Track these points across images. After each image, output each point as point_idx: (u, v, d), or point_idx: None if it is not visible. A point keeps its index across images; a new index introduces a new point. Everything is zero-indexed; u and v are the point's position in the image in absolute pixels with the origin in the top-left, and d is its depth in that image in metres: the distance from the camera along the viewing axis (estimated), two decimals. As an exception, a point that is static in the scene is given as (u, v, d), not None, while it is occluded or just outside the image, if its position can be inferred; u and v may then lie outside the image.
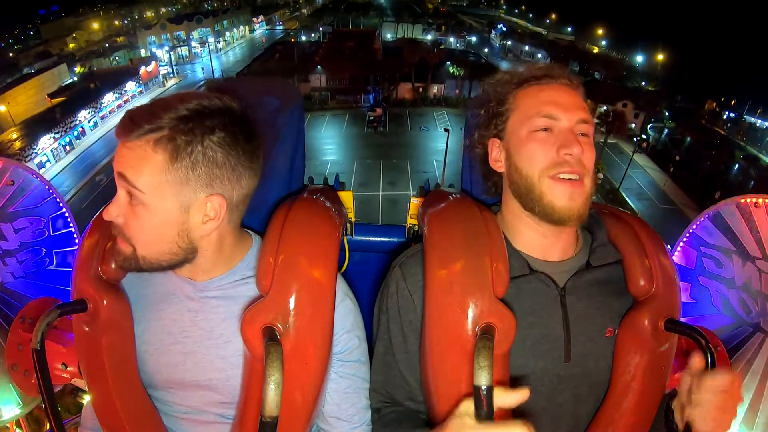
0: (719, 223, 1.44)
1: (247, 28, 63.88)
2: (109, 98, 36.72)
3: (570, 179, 0.94)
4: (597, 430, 0.99)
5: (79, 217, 1.49)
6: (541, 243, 1.01)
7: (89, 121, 33.86)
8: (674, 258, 1.46)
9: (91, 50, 50.27)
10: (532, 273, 0.99)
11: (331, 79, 39.25)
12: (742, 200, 1.42)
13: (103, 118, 35.15)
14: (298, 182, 1.22)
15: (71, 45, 51.82)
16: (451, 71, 39.83)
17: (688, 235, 1.47)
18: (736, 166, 31.32)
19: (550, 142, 0.96)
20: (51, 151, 29.80)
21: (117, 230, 0.89)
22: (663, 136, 34.94)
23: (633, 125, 34.34)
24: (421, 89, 39.41)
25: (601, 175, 27.67)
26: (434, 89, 39.91)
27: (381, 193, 27.26)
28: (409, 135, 35.07)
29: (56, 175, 28.84)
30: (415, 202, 1.33)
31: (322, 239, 0.96)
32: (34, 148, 28.88)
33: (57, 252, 1.50)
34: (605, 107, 33.18)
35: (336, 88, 39.24)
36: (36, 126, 30.54)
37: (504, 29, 61.33)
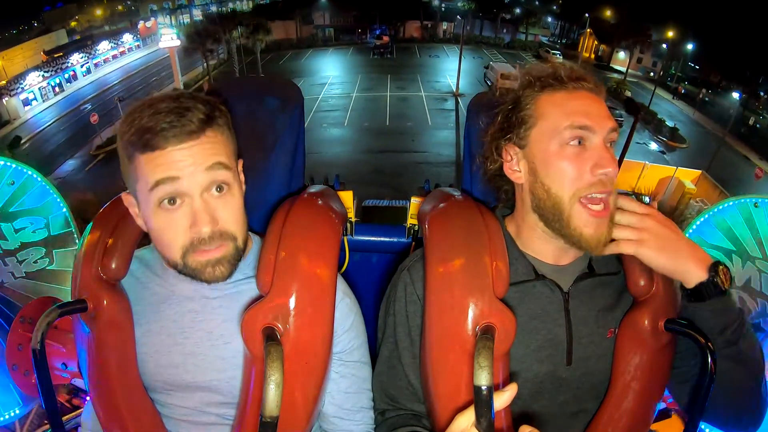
0: (719, 223, 1.44)
1: (251, 3, 62.98)
2: (104, 46, 35.04)
3: (598, 209, 0.89)
4: (597, 430, 0.99)
5: (56, 150, 1.41)
6: (554, 252, 0.99)
7: (82, 66, 32.43)
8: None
9: (92, 26, 49.66)
10: (537, 278, 0.98)
11: (336, 16, 38.05)
12: (743, 200, 1.42)
13: (96, 65, 33.57)
14: (298, 182, 1.21)
15: (73, 24, 51.15)
16: (461, 5, 38.66)
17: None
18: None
19: (584, 159, 0.89)
20: (39, 89, 28.49)
21: (217, 237, 0.87)
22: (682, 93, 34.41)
23: (652, 74, 34.18)
24: (429, 26, 38.28)
25: (629, 93, 27.86)
26: (443, 26, 38.82)
27: (388, 93, 26.96)
28: (419, 59, 34.61)
29: (41, 112, 27.86)
30: (415, 202, 1.33)
31: (322, 239, 0.95)
32: (21, 83, 27.53)
33: (57, 252, 1.50)
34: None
35: (341, 25, 38.14)
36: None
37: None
